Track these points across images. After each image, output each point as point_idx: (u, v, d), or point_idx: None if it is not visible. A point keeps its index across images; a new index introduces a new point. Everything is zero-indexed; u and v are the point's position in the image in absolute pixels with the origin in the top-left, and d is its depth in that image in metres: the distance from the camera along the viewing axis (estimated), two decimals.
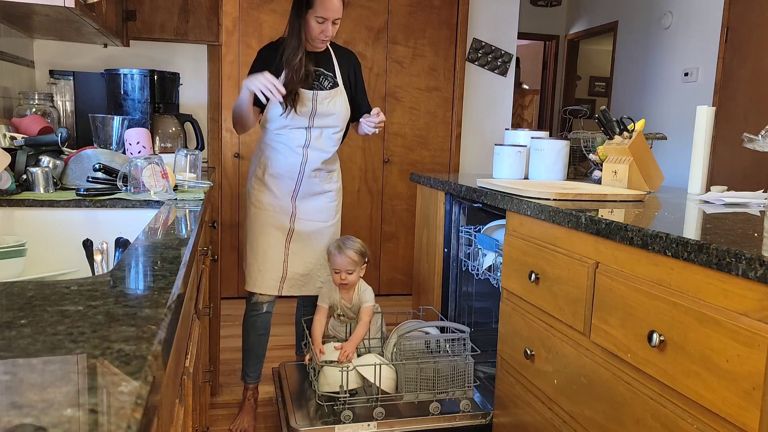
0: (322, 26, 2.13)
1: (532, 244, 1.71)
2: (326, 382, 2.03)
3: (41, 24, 2.02)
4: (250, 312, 2.37)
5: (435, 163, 4.32)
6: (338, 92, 2.26)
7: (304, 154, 2.26)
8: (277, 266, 2.31)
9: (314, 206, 2.33)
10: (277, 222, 2.30)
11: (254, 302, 2.35)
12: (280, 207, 2.29)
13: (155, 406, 0.54)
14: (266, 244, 2.30)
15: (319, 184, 2.33)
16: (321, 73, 2.24)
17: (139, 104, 2.32)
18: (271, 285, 2.31)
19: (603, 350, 1.39)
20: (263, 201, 2.29)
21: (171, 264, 0.89)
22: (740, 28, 3.96)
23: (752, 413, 0.98)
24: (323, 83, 2.24)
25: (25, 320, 0.62)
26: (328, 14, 2.11)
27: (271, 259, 2.30)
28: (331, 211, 2.39)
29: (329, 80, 2.25)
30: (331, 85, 2.25)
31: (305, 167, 2.27)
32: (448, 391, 2.05)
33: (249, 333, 2.38)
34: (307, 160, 2.27)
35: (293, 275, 2.33)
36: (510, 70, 4.38)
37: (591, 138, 2.58)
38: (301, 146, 2.25)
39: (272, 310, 2.39)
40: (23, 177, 1.61)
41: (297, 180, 2.28)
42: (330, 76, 2.26)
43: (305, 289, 2.38)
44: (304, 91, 2.19)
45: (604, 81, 6.49)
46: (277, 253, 2.31)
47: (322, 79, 2.24)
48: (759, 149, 1.64)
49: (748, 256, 0.98)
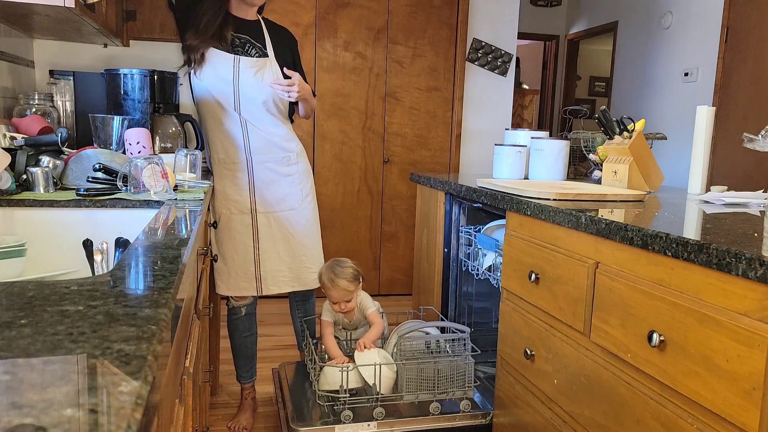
0: None
1: (532, 244, 1.71)
2: (326, 382, 2.03)
3: (41, 24, 2.02)
4: (230, 316, 2.33)
5: (435, 163, 4.32)
6: (267, 63, 2.11)
7: (244, 137, 2.13)
8: (248, 268, 2.21)
9: (275, 195, 2.20)
10: (239, 222, 2.19)
11: (231, 307, 2.30)
12: (237, 205, 2.18)
13: (155, 406, 0.54)
14: (232, 248, 2.20)
15: (275, 168, 2.19)
16: (247, 41, 2.09)
17: (139, 104, 2.32)
18: (244, 287, 2.22)
19: (603, 350, 1.39)
20: (222, 202, 2.18)
21: (171, 264, 0.89)
22: (740, 28, 3.96)
23: (752, 413, 0.98)
24: (249, 51, 2.09)
25: (25, 320, 0.62)
26: None
27: (240, 262, 2.20)
28: (296, 195, 2.23)
29: (257, 50, 2.10)
30: (259, 55, 2.11)
31: (251, 153, 2.15)
32: (449, 392, 2.05)
33: (233, 336, 2.36)
34: (250, 145, 2.14)
35: (271, 273, 2.23)
36: (510, 70, 4.38)
37: (591, 138, 2.58)
38: (238, 128, 2.12)
39: (253, 311, 2.34)
40: (23, 177, 1.61)
41: (247, 170, 2.16)
42: (259, 47, 2.11)
43: (296, 284, 2.28)
44: (224, 54, 2.05)
45: (604, 81, 6.49)
46: (244, 255, 2.20)
47: (249, 47, 2.09)
48: (759, 149, 1.64)
49: (748, 256, 0.98)
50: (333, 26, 3.92)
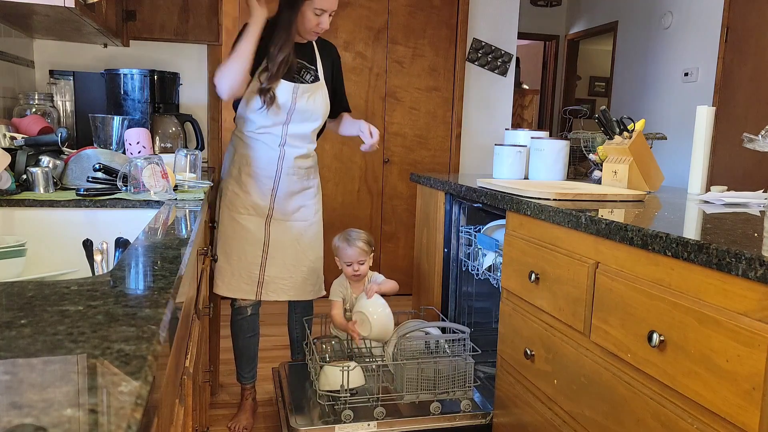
0: (320, 18, 2.02)
1: (532, 244, 1.71)
2: (327, 382, 2.04)
3: (41, 24, 2.02)
4: (235, 316, 2.33)
5: (435, 163, 4.32)
6: (319, 87, 2.17)
7: (280, 151, 2.18)
8: (252, 271, 2.23)
9: (293, 205, 2.25)
10: (253, 225, 2.21)
11: (237, 306, 2.31)
12: (255, 209, 2.21)
13: (155, 406, 0.54)
14: (240, 249, 2.21)
15: (298, 181, 2.24)
16: (302, 66, 2.14)
17: (139, 104, 2.31)
18: (245, 290, 2.23)
19: (603, 350, 1.39)
20: (236, 203, 2.20)
21: (171, 264, 0.89)
22: (740, 28, 3.96)
23: (752, 413, 0.98)
24: (305, 77, 2.14)
25: (25, 320, 0.62)
26: (328, 5, 2.00)
27: (245, 264, 2.22)
28: (311, 209, 2.29)
29: (311, 74, 2.16)
30: (313, 79, 2.16)
31: (282, 164, 2.19)
32: (449, 392, 2.05)
33: (237, 336, 2.36)
34: (284, 157, 2.19)
35: (272, 279, 2.24)
36: (510, 70, 4.38)
37: (591, 138, 2.58)
38: (277, 144, 2.17)
39: (258, 312, 2.35)
40: (23, 177, 1.61)
41: (275, 179, 2.20)
42: (312, 70, 2.17)
43: (294, 294, 2.29)
44: (285, 83, 2.09)
45: (604, 81, 6.49)
46: (252, 258, 2.22)
47: (304, 73, 2.14)
48: (759, 149, 1.64)
49: (748, 256, 0.98)
50: (333, 26, 3.92)
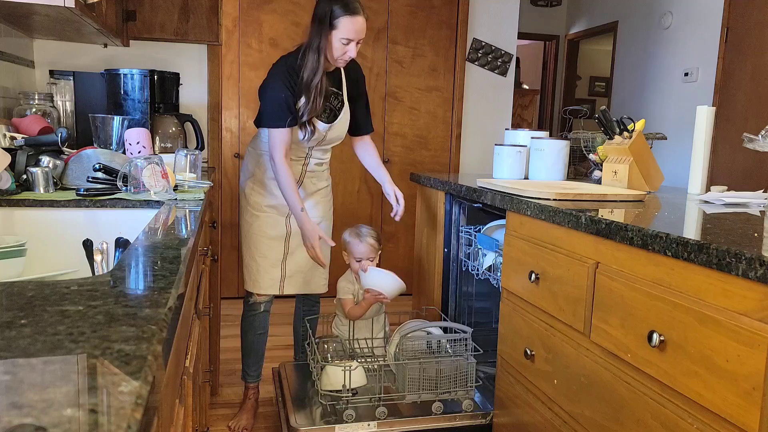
0: (346, 47, 2.05)
1: (532, 244, 1.71)
2: (329, 381, 2.04)
3: (41, 24, 2.02)
4: (247, 312, 2.38)
5: (435, 163, 4.32)
6: (344, 112, 2.26)
7: (303, 161, 2.29)
8: (276, 266, 2.32)
9: (310, 204, 2.34)
10: (276, 224, 2.30)
11: (252, 302, 2.36)
12: (278, 209, 2.29)
13: (155, 406, 0.54)
14: (265, 246, 2.30)
15: (316, 183, 2.37)
16: (331, 93, 2.21)
17: (139, 104, 2.31)
18: (270, 285, 2.32)
19: (603, 350, 1.39)
20: (262, 203, 2.29)
21: (171, 264, 0.89)
22: (740, 28, 3.96)
23: (752, 413, 0.98)
24: (334, 103, 2.23)
25: (25, 320, 0.62)
26: (354, 35, 2.03)
27: (270, 260, 2.31)
28: (327, 205, 2.42)
29: (339, 99, 2.24)
30: (340, 105, 2.25)
31: (305, 170, 2.31)
32: (451, 391, 2.05)
33: (247, 333, 2.39)
34: (308, 166, 2.31)
35: (292, 273, 2.34)
36: (510, 70, 4.38)
37: (591, 138, 2.58)
38: (302, 158, 2.29)
39: (270, 309, 2.39)
40: (23, 177, 1.61)
41: (297, 180, 2.29)
42: (339, 95, 2.25)
43: (307, 288, 2.40)
44: (320, 123, 2.17)
45: (604, 81, 6.48)
46: (276, 254, 2.32)
47: (333, 98, 2.22)
48: (759, 149, 1.64)
49: (748, 256, 0.98)
50: None
